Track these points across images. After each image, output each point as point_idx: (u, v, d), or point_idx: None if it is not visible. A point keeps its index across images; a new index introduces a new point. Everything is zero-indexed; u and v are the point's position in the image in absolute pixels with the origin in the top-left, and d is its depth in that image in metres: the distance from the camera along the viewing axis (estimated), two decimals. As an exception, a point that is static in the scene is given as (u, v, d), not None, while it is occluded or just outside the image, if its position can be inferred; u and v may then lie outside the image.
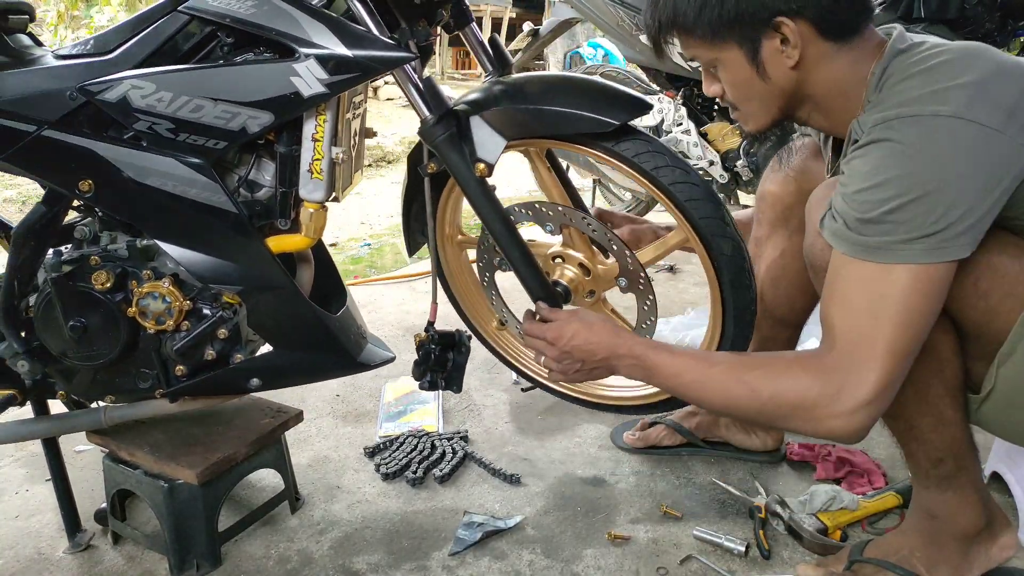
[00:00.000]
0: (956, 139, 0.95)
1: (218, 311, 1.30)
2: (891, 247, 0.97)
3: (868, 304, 0.99)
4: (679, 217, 1.29)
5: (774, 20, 1.06)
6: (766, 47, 1.08)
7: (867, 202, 0.98)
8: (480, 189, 1.28)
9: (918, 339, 1.00)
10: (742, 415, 1.14)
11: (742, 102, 1.17)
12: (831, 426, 1.03)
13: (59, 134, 1.22)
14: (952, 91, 0.97)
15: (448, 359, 1.35)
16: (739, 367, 1.12)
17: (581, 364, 1.24)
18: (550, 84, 1.32)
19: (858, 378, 1.00)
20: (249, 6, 1.16)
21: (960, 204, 0.95)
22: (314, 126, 1.23)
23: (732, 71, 1.13)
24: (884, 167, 0.97)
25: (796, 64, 1.08)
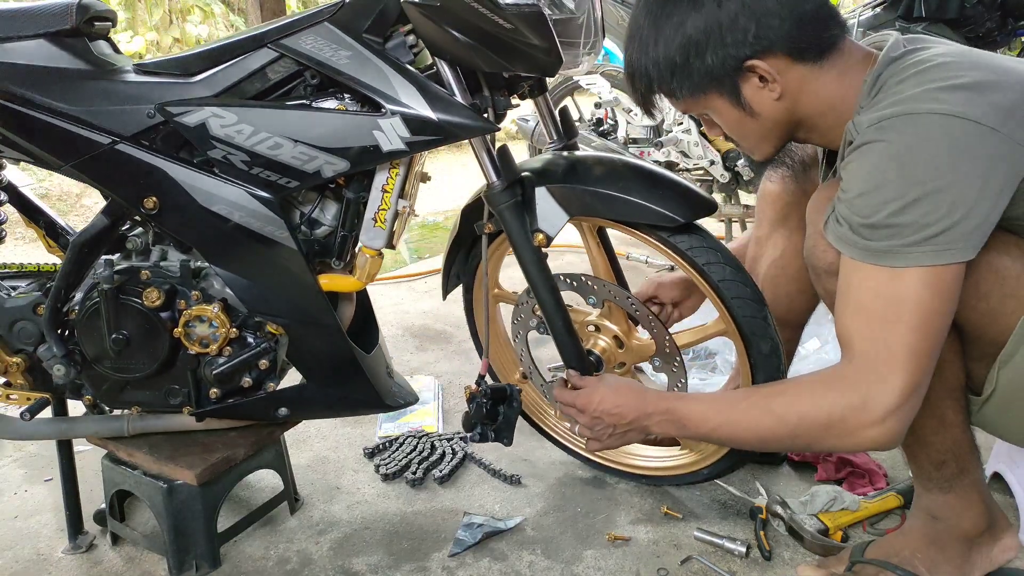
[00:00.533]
0: (953, 137, 0.94)
1: (262, 341, 1.32)
2: (898, 251, 0.95)
3: (883, 310, 0.98)
4: (723, 311, 1.33)
5: (745, 65, 1.06)
6: (746, 89, 1.09)
7: (868, 206, 0.97)
8: (535, 258, 1.32)
9: (937, 340, 0.99)
10: (778, 446, 1.13)
11: (742, 139, 1.18)
12: (865, 436, 1.01)
13: (132, 149, 1.24)
14: (948, 91, 0.96)
15: (499, 412, 1.38)
16: (763, 399, 1.11)
17: (613, 428, 1.27)
18: (619, 170, 1.35)
19: (883, 385, 0.98)
20: (343, 56, 1.18)
21: (962, 204, 0.93)
22: (386, 178, 1.25)
23: (723, 116, 1.15)
24: (882, 169, 0.96)
25: (780, 96, 1.09)
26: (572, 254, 3.10)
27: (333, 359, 1.34)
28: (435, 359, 2.31)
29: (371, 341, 1.47)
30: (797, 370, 1.86)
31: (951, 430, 1.13)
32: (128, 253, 1.35)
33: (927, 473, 1.18)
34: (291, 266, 1.26)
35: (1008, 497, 1.44)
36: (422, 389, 2.02)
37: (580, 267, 1.64)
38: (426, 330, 2.53)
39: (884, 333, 0.98)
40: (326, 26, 1.19)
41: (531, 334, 1.60)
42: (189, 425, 1.40)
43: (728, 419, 1.13)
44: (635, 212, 1.30)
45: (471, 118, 1.17)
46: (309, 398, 1.38)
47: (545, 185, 1.32)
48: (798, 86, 1.08)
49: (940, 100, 0.95)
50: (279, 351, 1.34)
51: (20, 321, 1.36)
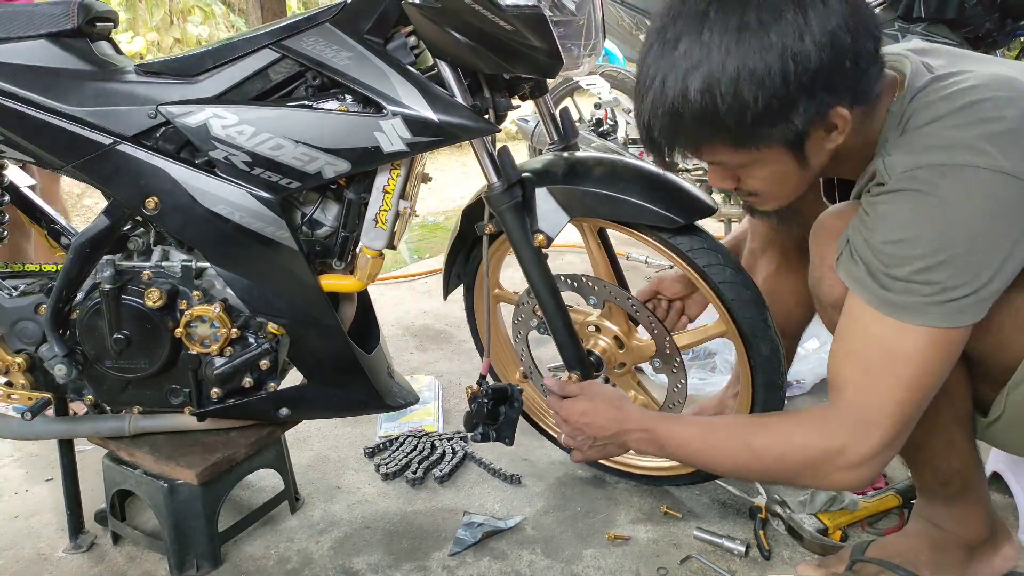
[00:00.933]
0: (992, 196, 0.89)
1: (263, 342, 1.32)
2: (916, 308, 0.92)
3: (881, 363, 0.96)
4: (723, 313, 1.34)
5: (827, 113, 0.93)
6: (812, 138, 0.96)
7: (895, 256, 0.92)
8: (535, 258, 1.33)
9: (927, 397, 0.98)
10: (753, 478, 1.16)
11: (771, 191, 1.05)
12: (837, 479, 1.02)
13: (133, 149, 1.24)
14: (987, 140, 0.90)
15: (500, 412, 1.38)
16: (742, 432, 1.11)
17: (593, 440, 1.28)
18: (619, 171, 1.36)
19: (864, 436, 0.98)
20: (344, 57, 1.18)
21: (990, 266, 0.90)
22: (387, 179, 1.26)
23: (768, 168, 1.00)
24: (914, 222, 0.91)
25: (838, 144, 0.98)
26: (572, 254, 3.10)
27: (334, 359, 1.34)
28: (435, 359, 2.31)
29: (372, 341, 1.47)
30: (796, 371, 1.87)
31: (958, 452, 1.13)
32: (129, 253, 1.35)
33: (931, 488, 1.19)
34: (292, 267, 1.27)
35: (1008, 497, 1.44)
36: (422, 389, 2.02)
37: (581, 267, 1.65)
38: (426, 330, 2.53)
39: (877, 386, 0.97)
40: (327, 27, 1.19)
41: (531, 334, 1.60)
42: (190, 425, 1.41)
43: (706, 446, 1.14)
44: (635, 213, 1.30)
45: (472, 119, 1.18)
46: (310, 398, 1.38)
47: (545, 186, 1.33)
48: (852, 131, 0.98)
49: (980, 151, 0.89)
50: (280, 351, 1.34)
51: (21, 321, 1.36)
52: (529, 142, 3.57)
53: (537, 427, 1.72)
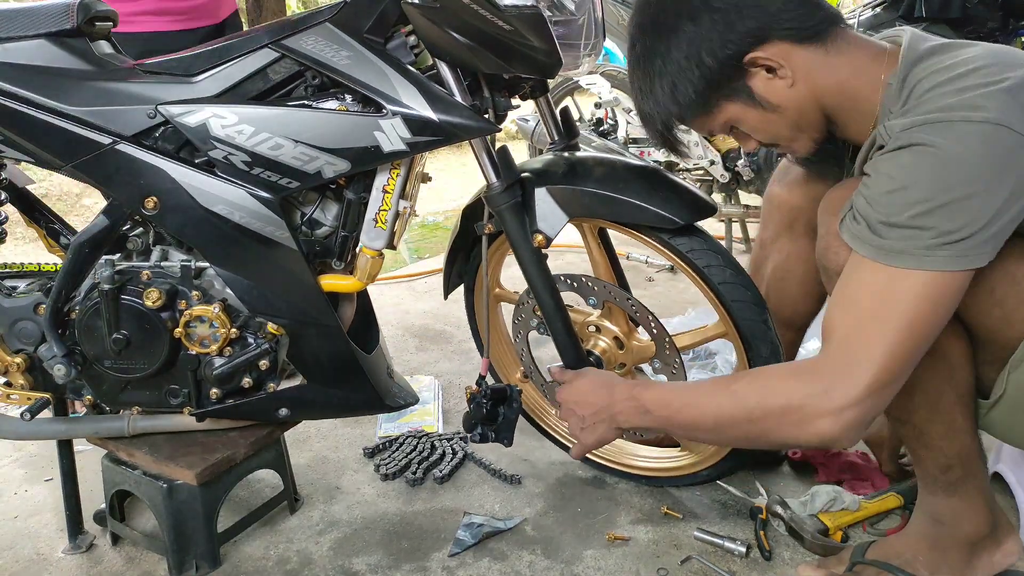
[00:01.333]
0: (988, 145, 0.92)
1: (263, 342, 1.32)
2: (913, 252, 0.94)
3: (875, 307, 0.96)
4: (723, 314, 1.34)
5: (745, 60, 1.06)
6: (757, 84, 1.08)
7: (892, 204, 0.95)
8: (534, 258, 1.32)
9: (920, 348, 0.97)
10: (735, 432, 1.10)
11: (775, 139, 1.15)
12: (818, 427, 0.99)
13: (133, 149, 1.24)
14: (984, 97, 0.93)
15: (499, 413, 1.38)
16: (726, 381, 1.13)
17: (583, 420, 1.27)
18: (619, 171, 1.35)
19: (849, 376, 0.97)
20: (344, 57, 1.18)
21: (987, 212, 0.92)
22: (386, 179, 1.25)
23: (746, 121, 1.12)
24: (914, 170, 0.94)
25: (793, 81, 1.07)
26: (572, 254, 3.10)
27: (333, 359, 1.34)
28: (435, 359, 2.31)
29: (371, 341, 1.47)
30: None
31: (960, 435, 1.13)
32: (129, 253, 1.35)
33: (932, 476, 1.18)
34: (292, 267, 1.26)
35: (1008, 497, 1.44)
36: (422, 389, 2.02)
37: (581, 267, 1.65)
38: (426, 330, 2.53)
39: (867, 329, 0.97)
40: (327, 26, 1.19)
41: (531, 334, 1.60)
42: (189, 425, 1.40)
43: (688, 402, 1.13)
44: (635, 214, 1.30)
45: (472, 119, 1.17)
46: (309, 399, 1.38)
47: (545, 186, 1.32)
48: (808, 70, 1.06)
49: (979, 107, 0.93)
50: (279, 351, 1.34)
51: (21, 321, 1.36)
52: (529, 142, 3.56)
53: (537, 427, 1.72)
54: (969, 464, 1.15)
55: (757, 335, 1.31)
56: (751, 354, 1.33)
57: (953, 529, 1.20)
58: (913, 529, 1.25)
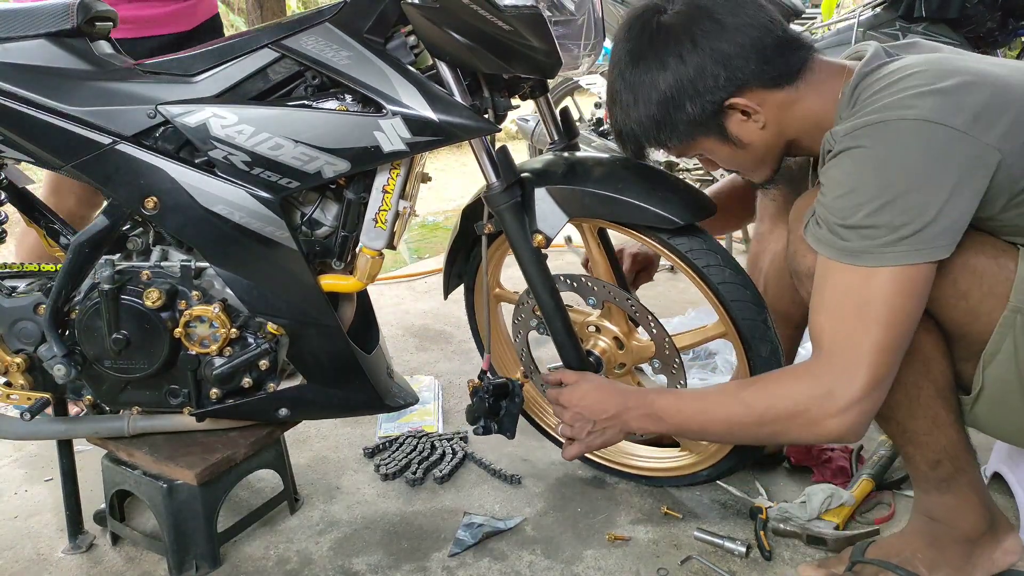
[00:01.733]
0: (922, 141, 0.97)
1: (262, 342, 1.32)
2: (872, 251, 0.99)
3: (854, 308, 1.02)
4: (723, 314, 1.34)
5: (724, 105, 1.13)
6: (731, 125, 1.16)
7: (845, 208, 1.01)
8: (534, 258, 1.33)
9: (904, 337, 1.03)
10: (746, 434, 1.18)
11: (739, 168, 1.25)
12: (828, 427, 1.06)
13: (133, 149, 1.24)
14: (918, 97, 1.00)
15: (501, 407, 1.39)
16: (734, 389, 1.20)
17: (593, 424, 1.31)
18: (619, 171, 1.35)
19: (848, 379, 1.03)
20: (344, 57, 1.18)
21: (933, 204, 0.97)
22: (386, 179, 1.25)
23: (716, 154, 1.21)
24: (856, 173, 1.01)
25: (764, 124, 1.15)
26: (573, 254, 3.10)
27: (333, 359, 1.34)
28: (435, 359, 2.31)
29: (371, 341, 1.47)
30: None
31: (944, 429, 1.14)
32: (129, 253, 1.35)
33: (923, 474, 1.19)
34: (292, 267, 1.26)
35: (1008, 497, 1.44)
36: (422, 389, 2.02)
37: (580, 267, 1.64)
38: (426, 330, 2.53)
39: (852, 330, 1.02)
40: (327, 26, 1.19)
41: (531, 334, 1.60)
42: (189, 425, 1.40)
43: (700, 408, 1.20)
44: (634, 214, 1.30)
45: (472, 119, 1.17)
46: (309, 399, 1.38)
47: (545, 186, 1.32)
48: (779, 111, 1.14)
49: (912, 106, 0.99)
50: (279, 351, 1.34)
51: (21, 321, 1.36)
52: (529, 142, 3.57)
53: (537, 426, 1.72)
54: (958, 459, 1.16)
55: (757, 335, 1.31)
56: (751, 354, 1.33)
57: (950, 527, 1.20)
58: (911, 528, 1.26)
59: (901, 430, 1.16)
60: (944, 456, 1.15)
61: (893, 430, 1.18)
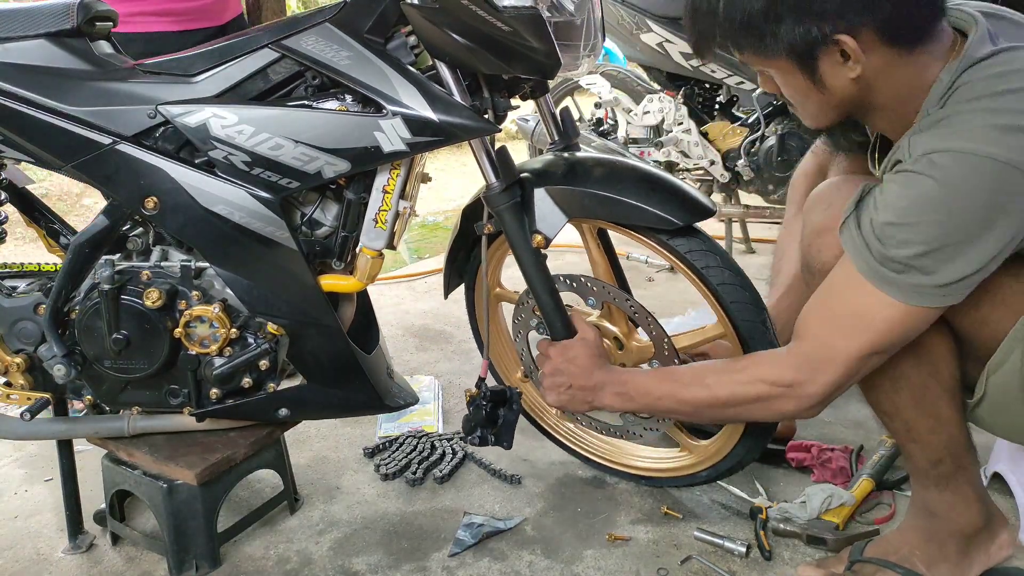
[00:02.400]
0: (995, 187, 0.92)
1: (262, 342, 1.32)
2: (901, 286, 0.99)
3: (850, 322, 1.03)
4: (721, 315, 1.34)
5: (833, 37, 0.99)
6: (824, 62, 1.02)
7: (894, 239, 0.98)
8: (533, 259, 1.33)
9: (884, 356, 1.06)
10: (711, 415, 1.24)
11: (800, 106, 1.12)
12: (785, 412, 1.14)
13: (133, 149, 1.24)
14: (1012, 132, 0.92)
15: (498, 416, 1.39)
16: (701, 372, 1.23)
17: (570, 384, 1.31)
18: (618, 172, 1.35)
19: (813, 381, 1.07)
20: (343, 57, 1.18)
21: (983, 258, 0.96)
22: (386, 179, 1.25)
23: (788, 82, 1.08)
24: (920, 208, 0.96)
25: (859, 76, 1.02)
26: (573, 254, 3.10)
27: (333, 360, 1.33)
28: (435, 359, 2.31)
29: (371, 341, 1.47)
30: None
31: (947, 427, 1.14)
32: (129, 253, 1.35)
33: (923, 470, 1.19)
34: (292, 267, 1.26)
35: (1008, 497, 1.44)
36: (422, 389, 2.02)
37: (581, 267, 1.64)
38: (426, 330, 2.53)
39: (838, 340, 1.05)
40: (327, 27, 1.19)
41: (531, 334, 1.60)
42: (189, 425, 1.40)
43: (668, 391, 1.24)
44: (633, 215, 1.30)
45: (472, 119, 1.17)
46: (309, 399, 1.38)
47: (544, 186, 1.32)
48: (879, 70, 1.01)
49: (1000, 143, 0.92)
50: (279, 352, 1.34)
51: (21, 321, 1.36)
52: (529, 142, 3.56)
53: (538, 427, 1.72)
54: (958, 457, 1.16)
55: (755, 336, 1.31)
56: None
57: (947, 522, 1.20)
58: (908, 524, 1.26)
59: (906, 428, 1.16)
60: (946, 454, 1.15)
61: (897, 427, 1.18)
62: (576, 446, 1.67)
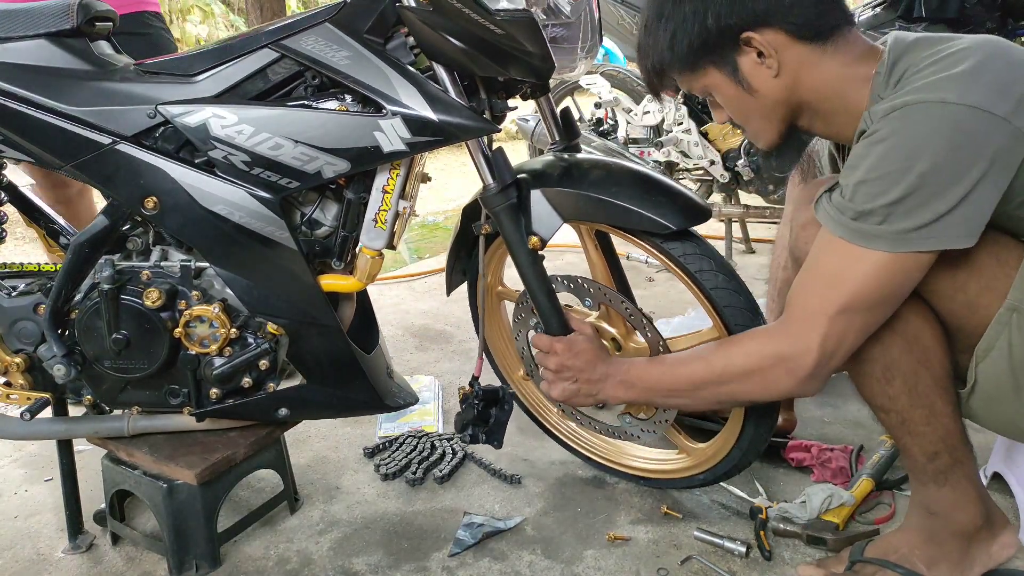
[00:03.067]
0: (960, 128, 0.95)
1: (262, 342, 1.32)
2: (887, 236, 0.99)
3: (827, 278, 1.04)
4: (716, 320, 1.33)
5: (741, 37, 1.09)
6: (744, 63, 1.11)
7: (868, 194, 1.00)
8: (530, 259, 1.32)
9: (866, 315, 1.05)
10: (710, 394, 1.21)
11: (744, 121, 1.20)
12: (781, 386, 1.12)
13: (133, 149, 1.24)
14: (962, 78, 0.97)
15: (490, 415, 1.39)
16: (698, 350, 1.24)
17: (576, 380, 1.31)
18: (615, 174, 1.35)
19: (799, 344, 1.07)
20: (343, 57, 1.18)
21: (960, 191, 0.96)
22: (386, 179, 1.25)
23: (722, 93, 1.16)
24: (888, 159, 0.99)
25: (778, 73, 1.10)
26: (572, 254, 3.10)
27: (333, 359, 1.34)
28: (435, 359, 2.31)
29: (371, 341, 1.47)
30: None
31: (942, 419, 1.14)
32: (129, 253, 1.35)
33: (921, 466, 1.19)
34: (291, 266, 1.26)
35: (1008, 497, 1.44)
36: (422, 389, 2.02)
37: (580, 267, 1.65)
38: (426, 330, 2.53)
39: (814, 301, 1.05)
40: (327, 27, 1.19)
41: (531, 333, 1.60)
42: (189, 425, 1.40)
43: (664, 371, 1.25)
44: (627, 218, 1.30)
45: (471, 119, 1.17)
46: (309, 399, 1.38)
47: (540, 188, 1.32)
48: (798, 66, 1.10)
49: (953, 88, 0.96)
50: (279, 351, 1.34)
51: (21, 321, 1.36)
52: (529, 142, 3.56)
53: (539, 424, 1.72)
54: (955, 450, 1.16)
55: None
56: None
57: (947, 521, 1.20)
58: (909, 523, 1.26)
59: (900, 420, 1.16)
60: (942, 447, 1.15)
61: (892, 421, 1.18)
62: (577, 445, 1.67)
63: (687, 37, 1.12)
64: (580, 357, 1.30)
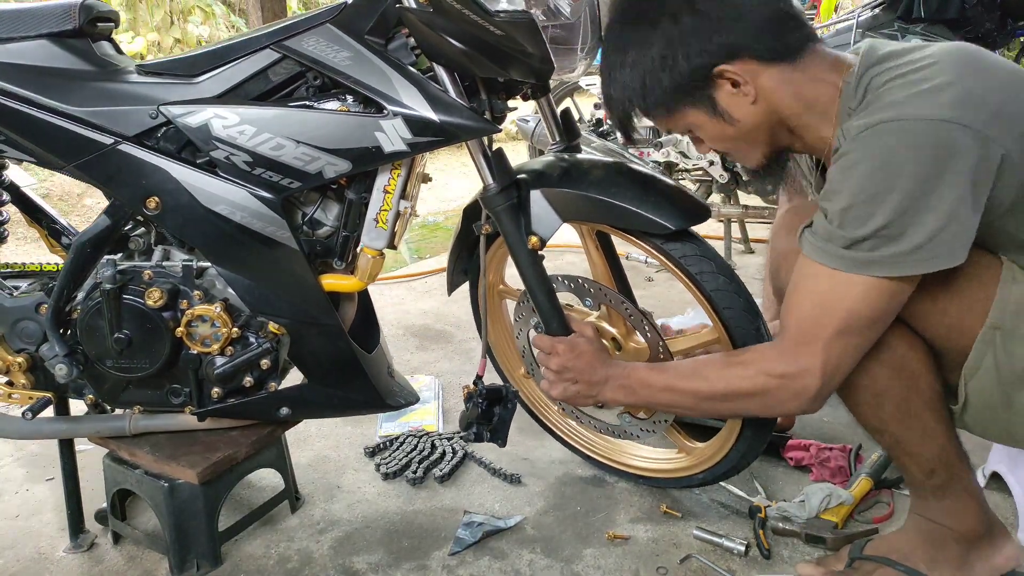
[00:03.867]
0: (939, 144, 0.95)
1: (264, 341, 1.32)
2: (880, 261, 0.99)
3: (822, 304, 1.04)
4: (716, 321, 1.34)
5: (714, 71, 1.08)
6: (720, 96, 1.11)
7: (856, 220, 0.99)
8: (530, 259, 1.33)
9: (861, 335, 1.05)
10: (710, 408, 1.23)
11: (729, 150, 1.20)
12: (786, 407, 1.13)
13: (135, 149, 1.24)
14: (935, 93, 0.96)
15: (494, 413, 1.39)
16: (699, 365, 1.23)
17: (577, 381, 1.31)
18: (614, 175, 1.35)
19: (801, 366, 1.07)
20: (344, 57, 1.18)
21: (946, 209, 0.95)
22: (387, 179, 1.26)
23: (704, 129, 1.16)
24: (871, 180, 0.98)
25: (755, 99, 1.10)
26: (572, 254, 3.10)
27: (334, 359, 1.34)
28: (435, 358, 2.31)
29: (372, 341, 1.47)
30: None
31: (935, 438, 1.14)
32: (130, 253, 1.35)
33: (919, 482, 1.19)
34: (293, 266, 1.27)
35: (1007, 497, 1.44)
36: (422, 388, 2.02)
37: (581, 267, 1.65)
38: (427, 329, 2.54)
39: (814, 323, 1.05)
40: (328, 27, 1.19)
41: (531, 332, 1.60)
42: (191, 424, 1.41)
43: (669, 383, 1.24)
44: (626, 218, 1.30)
45: (472, 119, 1.18)
46: (310, 398, 1.38)
47: (540, 188, 1.32)
48: (772, 88, 1.10)
49: (928, 104, 0.96)
50: (280, 351, 1.35)
51: (23, 320, 1.36)
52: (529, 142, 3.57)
53: (540, 422, 1.72)
54: (951, 467, 1.16)
55: (749, 342, 1.31)
56: None
57: (947, 528, 1.20)
58: (909, 526, 1.26)
59: (895, 441, 1.17)
60: (938, 464, 1.16)
61: (887, 442, 1.18)
62: (577, 443, 1.68)
63: (658, 84, 1.11)
64: (581, 359, 1.30)
